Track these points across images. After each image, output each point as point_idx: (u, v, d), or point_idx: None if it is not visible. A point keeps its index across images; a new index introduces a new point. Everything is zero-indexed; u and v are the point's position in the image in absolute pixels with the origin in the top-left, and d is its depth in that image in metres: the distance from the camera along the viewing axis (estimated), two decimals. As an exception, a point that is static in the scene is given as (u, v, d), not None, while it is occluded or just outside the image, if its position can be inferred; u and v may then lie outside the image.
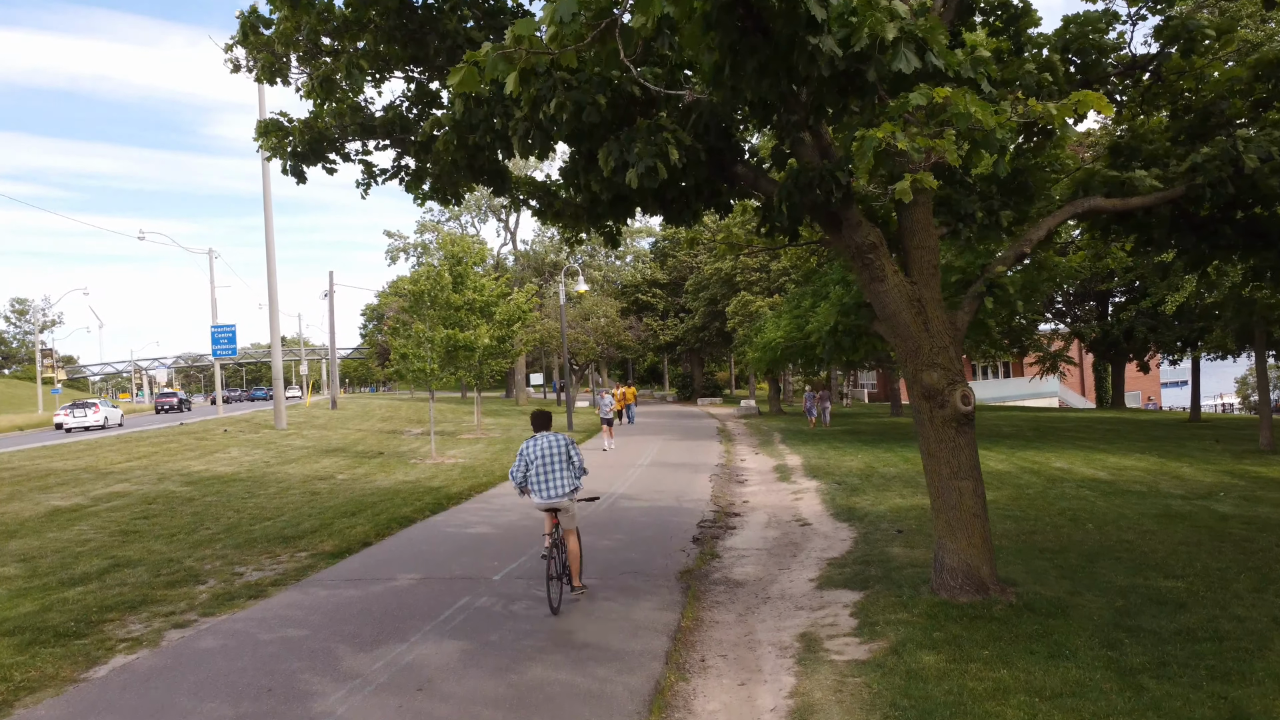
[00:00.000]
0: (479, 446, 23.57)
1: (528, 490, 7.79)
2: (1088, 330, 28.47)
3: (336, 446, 23.44)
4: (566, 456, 7.76)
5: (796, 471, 16.77)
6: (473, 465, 18.82)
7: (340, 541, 10.51)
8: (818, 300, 23.21)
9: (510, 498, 14.06)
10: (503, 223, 54.23)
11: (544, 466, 7.72)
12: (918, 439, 7.13)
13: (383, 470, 17.99)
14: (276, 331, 28.59)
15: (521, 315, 26.62)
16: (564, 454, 7.75)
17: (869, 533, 10.31)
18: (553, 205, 9.86)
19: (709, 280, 41.25)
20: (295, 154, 8.73)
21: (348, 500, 13.74)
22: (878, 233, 6.88)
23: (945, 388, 6.79)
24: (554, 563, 7.45)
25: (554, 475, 7.69)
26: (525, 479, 7.77)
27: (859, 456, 18.69)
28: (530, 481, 7.75)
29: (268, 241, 27.79)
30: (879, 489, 13.78)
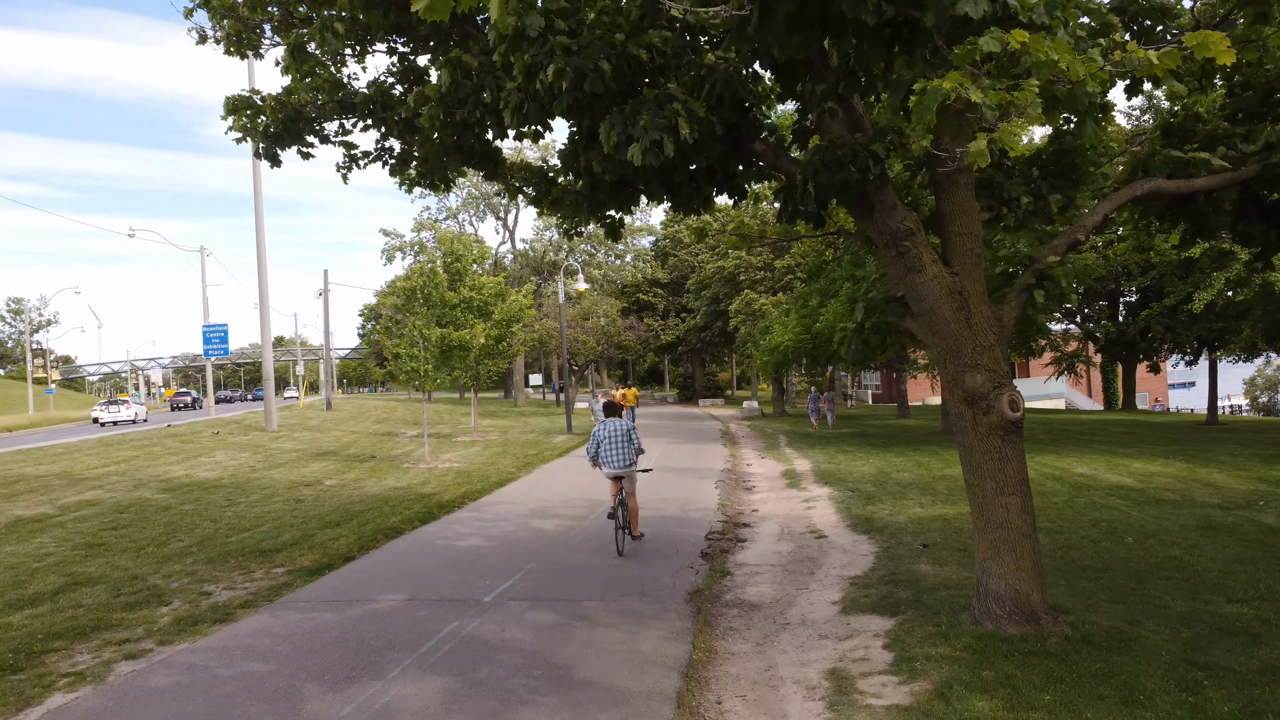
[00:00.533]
0: (475, 450, 22.80)
1: (599, 463, 9.89)
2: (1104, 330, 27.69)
3: (327, 450, 22.67)
4: (628, 438, 9.90)
5: (806, 477, 16.00)
6: (468, 470, 18.05)
7: (321, 556, 9.74)
8: (826, 299, 22.43)
9: (505, 506, 13.31)
10: (501, 221, 53.51)
11: (611, 445, 9.80)
12: (959, 449, 6.37)
13: (373, 475, 17.22)
14: (268, 331, 27.81)
15: (520, 315, 25.89)
16: (627, 436, 9.89)
17: (891, 547, 9.54)
18: (550, 192, 9.09)
19: (711, 279, 40.46)
20: (268, 135, 7.97)
21: (333, 509, 12.97)
22: (914, 217, 6.12)
23: (990, 391, 6.03)
24: (619, 517, 9.61)
25: (619, 451, 9.80)
26: (597, 454, 9.87)
27: (870, 461, 17.94)
28: (600, 456, 9.86)
29: (258, 238, 27.02)
30: (896, 497, 13.02)
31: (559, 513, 12.55)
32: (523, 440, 25.63)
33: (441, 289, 18.71)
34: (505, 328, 25.46)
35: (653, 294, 53.26)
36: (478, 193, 50.90)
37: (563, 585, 8.31)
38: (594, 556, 9.60)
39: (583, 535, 10.82)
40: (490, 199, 51.43)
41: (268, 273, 27.08)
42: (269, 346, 27.93)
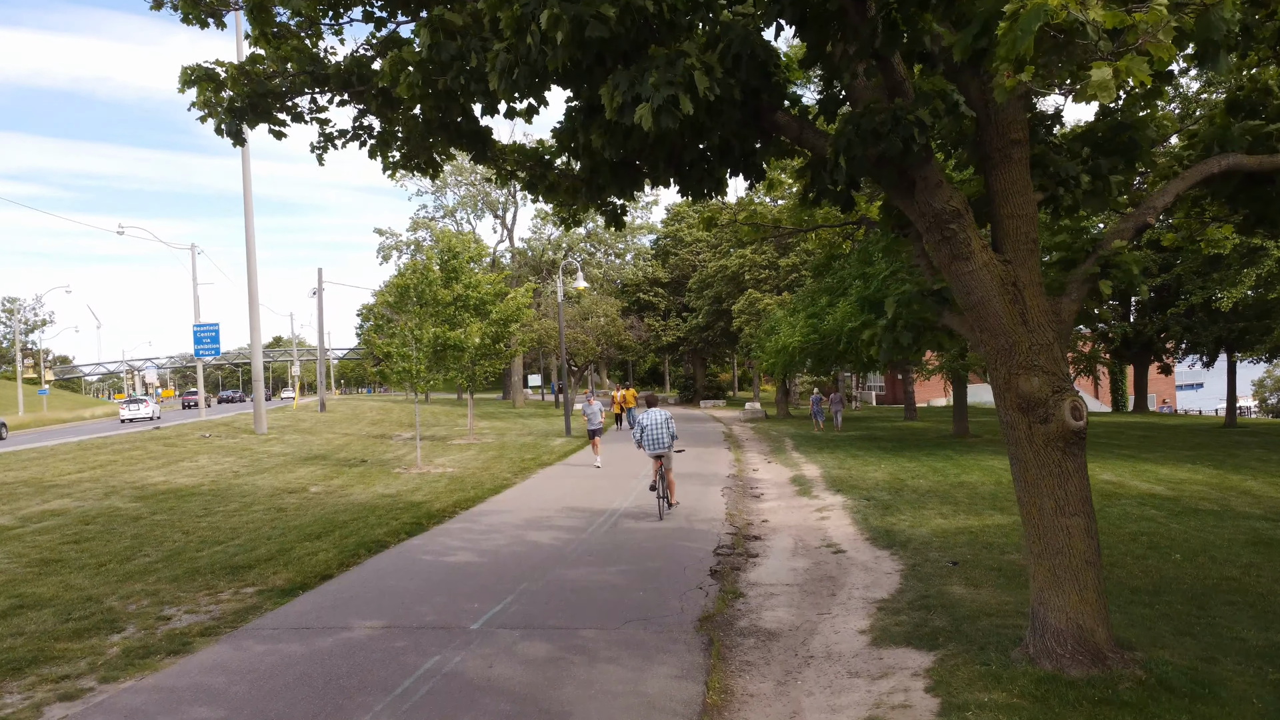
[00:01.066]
0: (470, 453, 22.00)
1: (642, 445, 12.36)
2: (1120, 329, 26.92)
3: (316, 453, 21.87)
4: (666, 425, 12.37)
5: (817, 484, 15.21)
6: (461, 475, 17.25)
7: (296, 573, 8.94)
8: (835, 297, 21.65)
9: (498, 516, 12.52)
10: (499, 220, 52.67)
11: (654, 431, 12.31)
12: (1011, 463, 5.57)
13: (362, 481, 16.42)
14: (257, 330, 27.01)
15: (518, 314, 25.09)
16: (666, 423, 12.38)
17: (917, 565, 8.75)
18: (545, 176, 8.30)
19: (714, 277, 39.63)
20: (233, 110, 7.17)
21: (315, 519, 12.17)
22: (961, 197, 5.33)
23: (1049, 397, 5.25)
24: (660, 488, 12.13)
25: (660, 436, 12.28)
26: (641, 438, 12.37)
27: (882, 466, 17.14)
28: (644, 440, 12.32)
29: (248, 233, 26.20)
30: (914, 506, 12.23)
31: (556, 523, 11.76)
32: (520, 443, 24.83)
33: (435, 286, 17.93)
34: (503, 327, 24.66)
35: (653, 293, 52.44)
36: (475, 191, 50.11)
37: (559, 609, 7.52)
38: (593, 573, 8.81)
39: (581, 549, 10.02)
40: (488, 197, 50.63)
41: (257, 270, 26.27)
42: (258, 347, 27.12)
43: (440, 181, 49.65)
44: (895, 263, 19.85)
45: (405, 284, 17.66)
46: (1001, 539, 9.81)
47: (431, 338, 17.65)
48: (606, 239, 51.38)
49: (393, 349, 17.44)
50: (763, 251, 35.17)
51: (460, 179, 49.65)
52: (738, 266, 35.83)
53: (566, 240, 48.58)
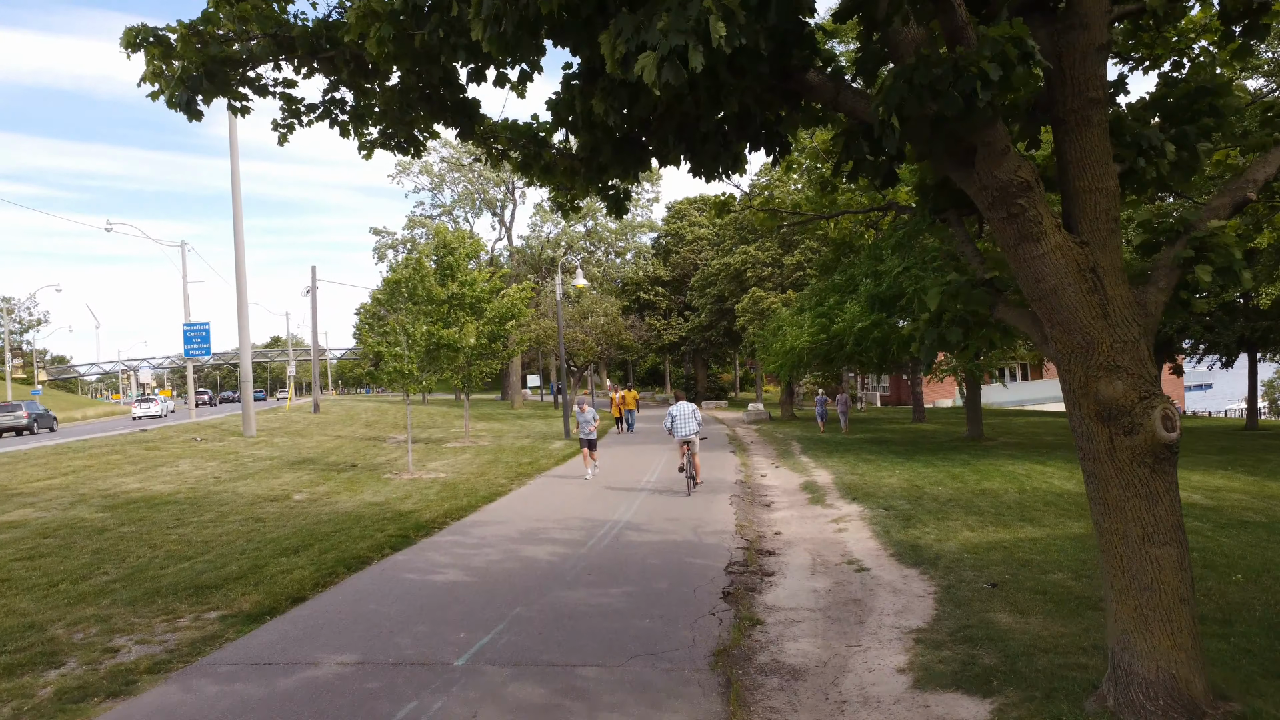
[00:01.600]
0: (465, 457, 21.16)
1: (673, 432, 14.68)
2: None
3: (305, 457, 21.03)
4: (694, 415, 14.64)
5: (830, 492, 14.37)
6: (454, 481, 16.42)
7: (266, 595, 8.11)
8: (844, 296, 20.83)
9: (492, 528, 11.69)
10: (498, 217, 51.79)
11: (683, 421, 14.62)
12: (1086, 481, 4.73)
13: (349, 488, 15.58)
14: (246, 330, 26.16)
15: (516, 313, 24.25)
16: (693, 414, 14.67)
17: (952, 586, 7.92)
18: (540, 156, 7.46)
19: (716, 276, 38.77)
20: (185, 80, 6.33)
21: (295, 530, 11.34)
22: (1031, 166, 4.50)
23: (1135, 404, 4.42)
24: (688, 469, 14.45)
25: (689, 424, 14.58)
26: (672, 425, 14.69)
27: (896, 472, 16.31)
28: (674, 428, 14.67)
29: (236, 227, 25.37)
30: (937, 517, 11.40)
31: (554, 536, 10.92)
32: (517, 446, 24.00)
33: (429, 283, 17.10)
34: (499, 325, 23.82)
35: (654, 292, 51.61)
36: (473, 188, 49.27)
37: (556, 641, 6.68)
38: (594, 595, 7.98)
39: (581, 566, 9.18)
40: (486, 194, 49.79)
41: (246, 267, 25.42)
42: (247, 347, 26.25)
43: (437, 179, 48.90)
44: (908, 259, 19.03)
45: (398, 280, 16.82)
46: (1038, 555, 8.99)
47: (424, 336, 16.83)
48: (607, 237, 50.54)
49: (383, 348, 16.61)
50: (766, 249, 34.32)
51: (458, 176, 48.83)
52: (741, 264, 34.98)
53: (566, 238, 47.75)
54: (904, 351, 20.66)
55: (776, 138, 5.84)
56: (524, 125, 7.49)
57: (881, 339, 19.15)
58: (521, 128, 7.49)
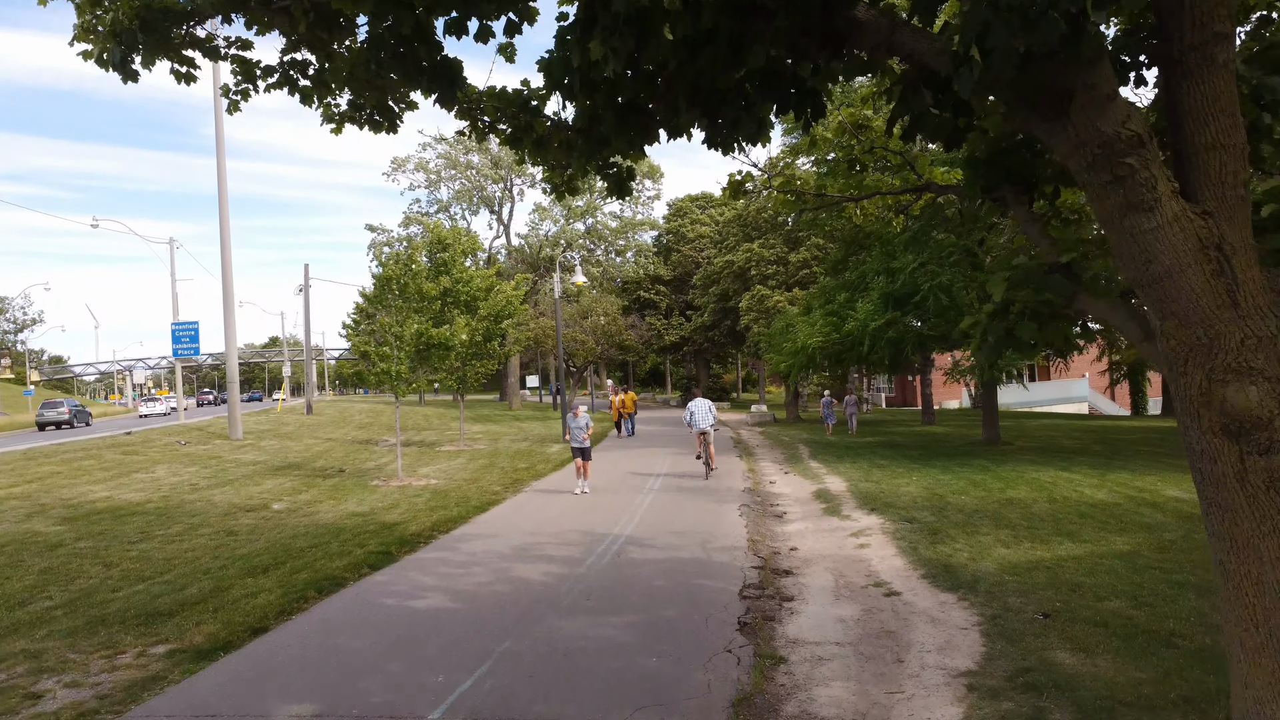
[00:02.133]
0: (458, 462, 20.25)
1: (691, 425, 16.82)
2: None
3: (292, 462, 20.12)
4: (710, 410, 16.91)
5: (845, 501, 13.46)
6: (445, 489, 15.50)
7: (223, 624, 7.20)
8: (855, 294, 19.94)
9: (482, 542, 10.78)
10: (496, 215, 50.89)
11: (701, 414, 16.81)
12: (1203, 508, 3.81)
13: (333, 496, 14.66)
14: (232, 329, 25.24)
15: (510, 309, 23.34)
16: (710, 408, 16.95)
17: (998, 616, 7.00)
18: (532, 128, 6.53)
19: (719, 274, 37.83)
20: (118, 34, 5.41)
21: (267, 546, 10.42)
22: (1142, 117, 3.59)
23: (1275, 415, 3.50)
24: (705, 457, 16.49)
25: (706, 417, 16.74)
26: (691, 419, 16.82)
27: (914, 479, 15.40)
28: (693, 420, 16.79)
29: (222, 220, 24.46)
30: (966, 531, 10.49)
31: (549, 552, 10.00)
32: (513, 450, 23.09)
33: (419, 279, 16.21)
34: (493, 324, 22.92)
35: (655, 291, 50.67)
36: (471, 185, 48.36)
37: (548, 685, 5.77)
38: (593, 625, 7.07)
39: (579, 589, 8.27)
40: (484, 191, 48.88)
41: (234, 263, 24.51)
42: (233, 346, 25.35)
43: (434, 176, 48.01)
44: (923, 254, 18.14)
45: (388, 276, 15.94)
46: (1087, 578, 8.08)
47: (414, 335, 15.92)
48: (607, 235, 49.65)
49: (370, 348, 15.70)
50: (771, 246, 33.41)
51: (454, 173, 47.92)
52: (745, 262, 34.06)
53: (565, 236, 46.85)
54: (918, 351, 19.79)
55: (809, 97, 4.93)
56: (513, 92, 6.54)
57: (896, 339, 18.26)
58: (510, 95, 6.55)
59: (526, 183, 50.01)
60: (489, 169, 47.53)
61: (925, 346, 19.04)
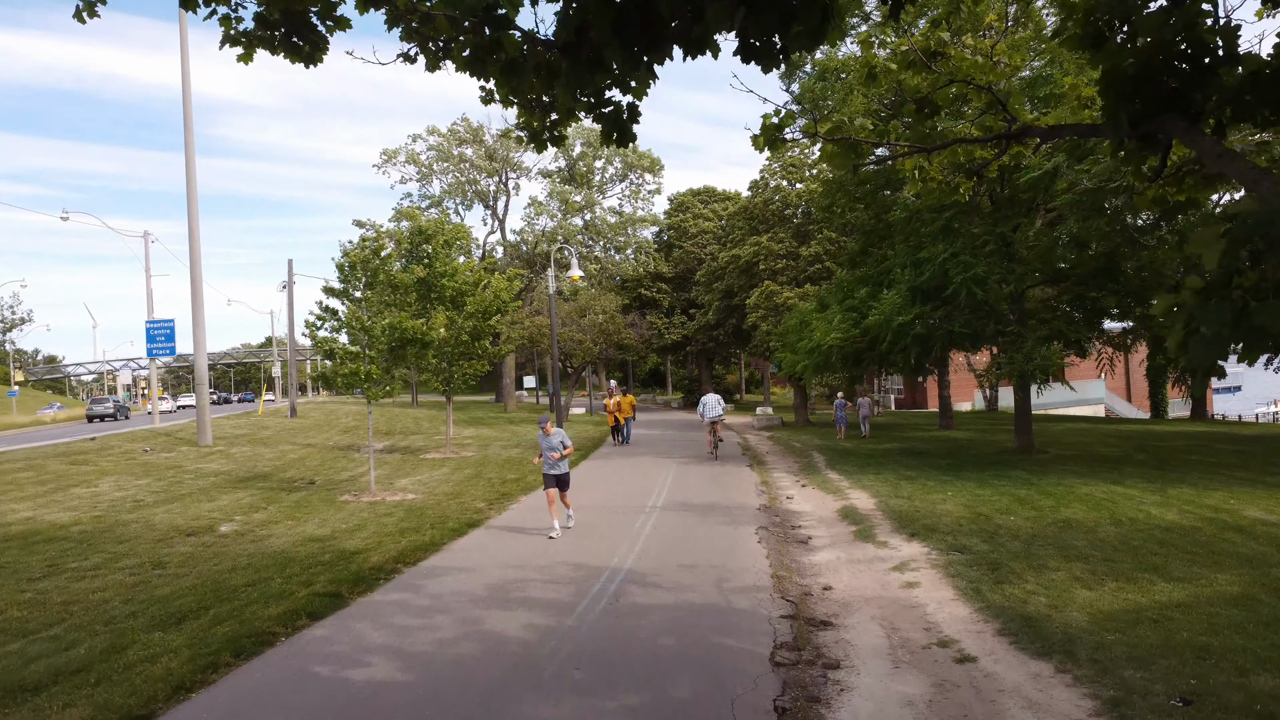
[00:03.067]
0: (442, 472, 18.51)
1: (703, 415, 20.72)
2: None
3: (259, 472, 18.37)
4: (719, 403, 20.81)
5: (878, 523, 11.72)
6: (422, 505, 13.76)
7: (96, 709, 5.48)
8: (877, 288, 18.21)
9: (454, 579, 9.05)
10: (490, 210, 49.11)
11: (710, 406, 20.59)
12: None
13: (294, 515, 12.92)
14: (201, 325, 23.46)
15: (501, 306, 21.60)
16: (718, 401, 20.83)
17: (1120, 701, 5.28)
18: (500, 47, 4.83)
19: (724, 269, 36.01)
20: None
21: (195, 584, 8.68)
22: None
23: None
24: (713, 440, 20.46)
25: (715, 409, 20.47)
26: (704, 410, 20.69)
27: (950, 495, 13.67)
28: (704, 412, 20.68)
29: (190, 203, 22.68)
30: (1031, 564, 8.77)
31: (532, 594, 8.27)
32: (503, 458, 21.34)
33: (389, 264, 14.41)
34: (481, 320, 21.18)
35: (656, 289, 48.89)
36: (464, 178, 46.59)
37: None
38: (583, 713, 5.32)
39: (565, 653, 6.53)
40: (478, 185, 47.09)
41: (200, 249, 22.74)
42: (202, 345, 23.58)
43: (425, 169, 46.21)
44: (955, 243, 16.40)
45: (353, 262, 14.17)
46: (1209, 635, 6.37)
47: (385, 330, 14.18)
48: (606, 231, 47.87)
49: (335, 346, 13.97)
50: (780, 239, 31.62)
51: (447, 165, 46.14)
52: (752, 256, 32.25)
53: (562, 231, 45.06)
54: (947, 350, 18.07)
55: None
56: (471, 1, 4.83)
57: (923, 336, 16.52)
58: (468, 2, 4.81)
59: (522, 176, 48.31)
60: (482, 161, 45.75)
61: (955, 344, 17.31)
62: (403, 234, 21.09)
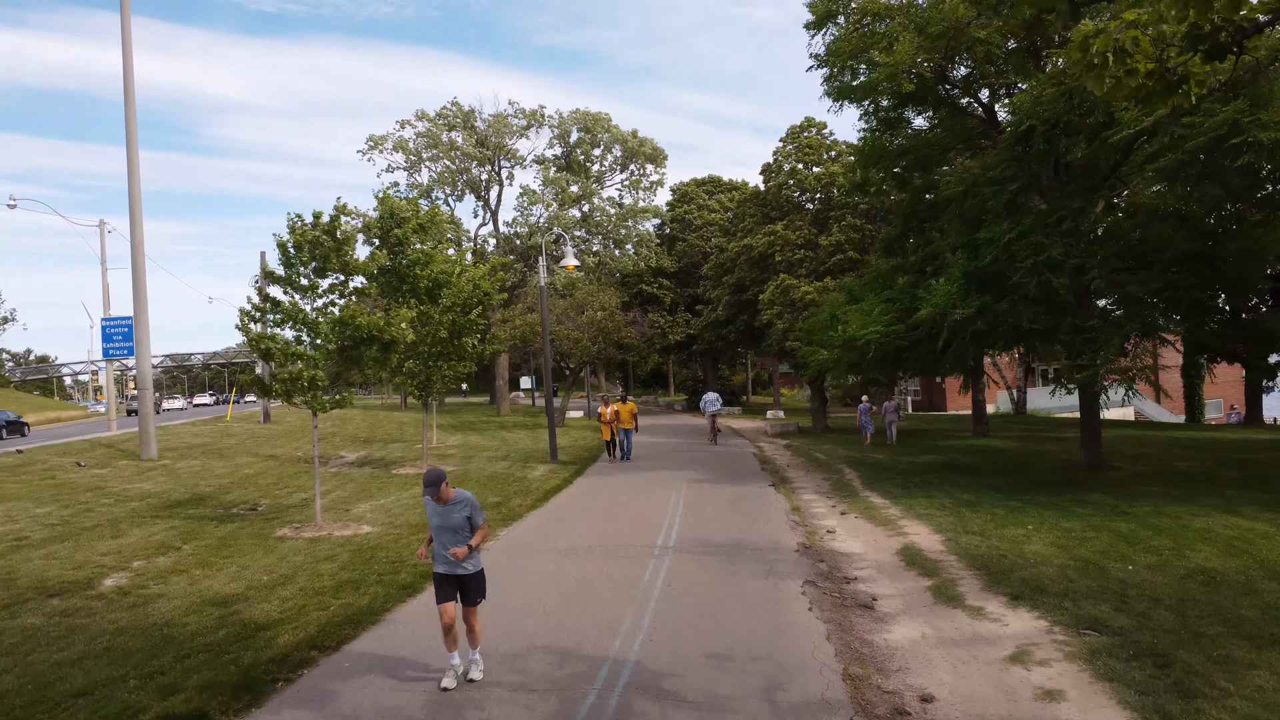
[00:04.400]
0: (414, 492, 15.80)
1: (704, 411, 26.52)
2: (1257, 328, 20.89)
3: (197, 494, 15.66)
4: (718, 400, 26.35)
5: (957, 573, 9.00)
6: (375, 543, 11.06)
7: None
8: (920, 276, 15.51)
9: (385, 678, 6.28)
10: (482, 200, 46.28)
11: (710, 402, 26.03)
12: None
13: (209, 560, 10.22)
14: (144, 322, 20.72)
15: (482, 297, 18.88)
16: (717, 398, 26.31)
17: None
18: None
19: (734, 261, 33.21)
20: None
21: (2, 692, 5.97)
22: None
23: None
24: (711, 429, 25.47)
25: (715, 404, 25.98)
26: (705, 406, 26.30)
27: (1029, 528, 10.99)
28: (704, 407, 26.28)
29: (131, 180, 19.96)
30: (1211, 655, 6.09)
31: (491, 713, 5.56)
32: (487, 474, 18.63)
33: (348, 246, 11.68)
34: (461, 315, 18.47)
35: (658, 285, 46.08)
36: (455, 166, 43.78)
37: None
38: None
39: None
40: (469, 174, 44.27)
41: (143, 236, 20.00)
42: (145, 344, 20.84)
43: (413, 156, 43.38)
44: (1025, 220, 13.69)
45: (299, 241, 11.42)
46: None
47: (333, 325, 11.49)
48: (605, 223, 45.08)
49: (271, 344, 11.27)
50: (797, 227, 28.84)
51: (437, 153, 43.34)
52: (766, 246, 29.43)
53: (559, 223, 42.26)
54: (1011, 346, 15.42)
55: None
56: None
57: (984, 331, 13.83)
58: None
59: (516, 165, 45.48)
60: (474, 148, 42.94)
61: (1021, 341, 14.68)
62: (370, 217, 18.36)
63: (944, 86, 16.15)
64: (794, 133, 29.94)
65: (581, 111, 44.57)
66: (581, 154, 45.70)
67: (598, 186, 46.20)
